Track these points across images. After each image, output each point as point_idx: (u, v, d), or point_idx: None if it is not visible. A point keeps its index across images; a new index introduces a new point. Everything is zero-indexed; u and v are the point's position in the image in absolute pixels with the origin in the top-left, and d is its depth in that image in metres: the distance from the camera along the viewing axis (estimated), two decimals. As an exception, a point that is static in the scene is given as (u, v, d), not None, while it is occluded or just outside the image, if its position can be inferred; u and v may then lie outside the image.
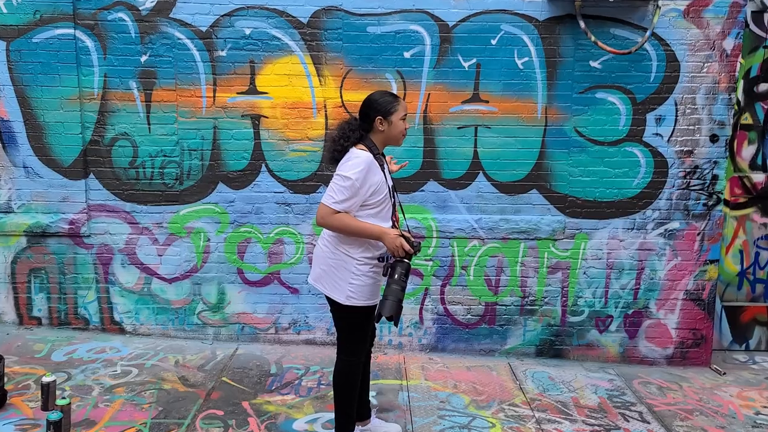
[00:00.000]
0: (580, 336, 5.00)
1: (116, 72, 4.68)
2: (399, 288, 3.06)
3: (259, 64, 4.70)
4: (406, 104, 3.24)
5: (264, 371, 4.52)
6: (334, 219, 3.08)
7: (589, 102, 4.74)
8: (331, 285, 3.24)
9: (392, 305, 3.04)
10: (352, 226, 3.10)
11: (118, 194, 4.83)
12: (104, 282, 4.93)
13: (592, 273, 4.93)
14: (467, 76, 4.72)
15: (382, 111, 3.14)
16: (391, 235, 3.09)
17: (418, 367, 4.74)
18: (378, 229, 3.11)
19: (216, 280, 4.94)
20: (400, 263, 3.10)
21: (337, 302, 3.23)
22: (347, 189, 3.04)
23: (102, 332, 4.99)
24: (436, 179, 4.84)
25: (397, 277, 3.07)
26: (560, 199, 4.86)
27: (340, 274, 3.20)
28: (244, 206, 4.86)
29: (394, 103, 3.16)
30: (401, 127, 3.19)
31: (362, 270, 3.19)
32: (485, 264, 4.92)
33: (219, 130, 4.77)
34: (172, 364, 4.54)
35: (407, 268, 3.11)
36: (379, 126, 3.16)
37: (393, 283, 3.06)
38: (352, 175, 3.03)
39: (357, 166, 3.05)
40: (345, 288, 3.19)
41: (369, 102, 3.19)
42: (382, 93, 3.22)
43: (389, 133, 3.18)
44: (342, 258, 3.20)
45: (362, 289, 3.20)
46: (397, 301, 3.05)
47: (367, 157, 3.09)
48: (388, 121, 3.15)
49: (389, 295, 3.05)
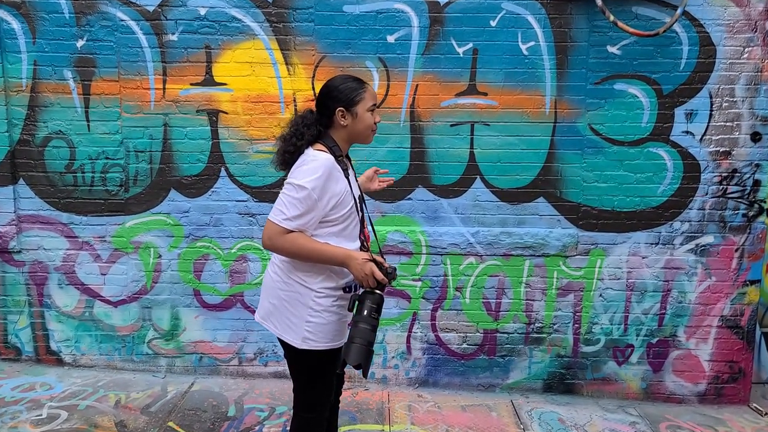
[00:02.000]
0: (596, 369, 4.29)
1: (48, 59, 4.00)
2: (368, 327, 2.40)
3: (217, 50, 4.01)
4: (374, 91, 2.60)
5: (220, 413, 3.82)
6: (285, 240, 2.43)
7: (607, 94, 4.05)
8: (283, 324, 2.57)
9: (359, 350, 2.38)
10: (309, 249, 2.45)
11: (52, 203, 4.15)
12: (38, 305, 4.24)
13: (609, 295, 4.22)
14: (462, 63, 4.03)
15: (343, 100, 2.50)
16: (359, 259, 2.44)
17: (405, 406, 4.03)
18: (342, 252, 2.46)
19: (169, 303, 4.25)
20: (369, 295, 2.45)
21: (292, 346, 2.56)
22: (301, 202, 2.40)
23: (36, 364, 4.30)
24: (425, 185, 4.14)
25: (366, 314, 2.42)
26: (572, 209, 4.15)
27: (294, 309, 2.54)
28: (200, 217, 4.17)
29: (359, 90, 2.52)
30: (369, 120, 2.55)
31: (323, 304, 2.52)
32: (483, 285, 4.23)
33: (170, 128, 4.08)
34: (112, 405, 3.84)
35: (379, 301, 2.45)
36: (340, 120, 2.51)
37: (360, 321, 2.41)
38: (307, 183, 2.39)
39: (313, 172, 2.41)
40: (301, 328, 2.53)
41: (327, 90, 2.55)
42: (343, 78, 2.57)
43: (354, 128, 2.54)
44: (296, 289, 2.54)
45: (323, 329, 2.53)
46: (366, 344, 2.39)
47: (326, 160, 2.45)
48: (351, 113, 2.51)
49: (356, 336, 2.39)
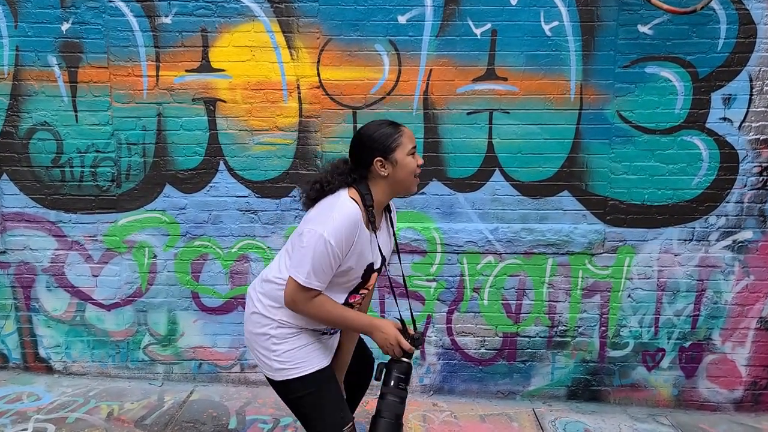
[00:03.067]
0: (624, 374, 3.99)
1: (31, 44, 3.69)
2: (396, 400, 2.23)
3: (214, 33, 3.70)
4: (411, 133, 2.28)
5: (220, 426, 3.54)
6: (312, 306, 2.21)
7: (637, 78, 3.72)
8: (257, 357, 2.39)
9: (387, 426, 2.20)
10: (334, 316, 2.25)
11: (39, 200, 3.86)
12: (26, 309, 3.96)
13: (638, 296, 3.91)
14: (480, 46, 3.71)
15: (380, 149, 2.22)
16: (384, 330, 2.23)
17: (419, 416, 3.74)
18: (367, 321, 2.29)
19: (165, 307, 3.96)
20: (396, 364, 2.26)
21: (273, 381, 2.37)
22: (324, 256, 2.13)
23: (24, 371, 4.02)
24: (440, 179, 3.82)
25: (393, 384, 2.23)
26: (599, 203, 3.83)
27: (259, 340, 2.34)
28: (198, 214, 3.87)
29: (396, 134, 2.24)
30: (411, 165, 2.25)
31: (285, 333, 2.30)
32: (503, 285, 3.92)
33: (164, 119, 3.77)
34: (104, 417, 3.56)
35: (407, 370, 2.27)
36: (380, 170, 2.24)
37: (388, 392, 2.23)
38: (330, 235, 2.12)
39: (337, 222, 2.14)
40: (271, 358, 2.31)
41: (360, 139, 2.27)
42: (377, 124, 2.29)
43: (395, 176, 2.24)
44: (257, 319, 2.36)
45: (295, 355, 2.30)
46: (393, 418, 2.21)
47: (353, 211, 2.17)
48: (390, 161, 2.23)
49: (383, 410, 2.21)
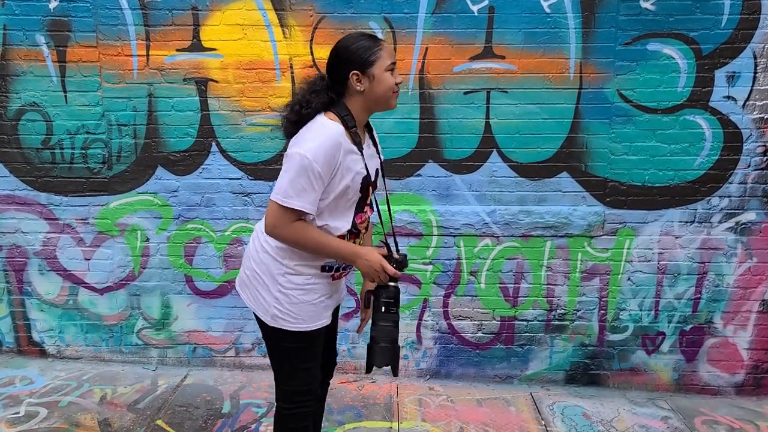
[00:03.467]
0: (623, 358, 3.93)
1: (18, 23, 3.61)
2: (389, 325, 2.19)
3: (204, 11, 3.61)
4: (392, 48, 2.23)
5: (214, 409, 3.50)
6: (292, 230, 2.12)
7: (638, 56, 3.62)
8: (254, 296, 2.30)
9: (385, 351, 2.19)
10: (316, 243, 2.16)
11: (29, 182, 3.80)
12: (18, 293, 3.92)
13: (638, 279, 3.84)
14: (477, 23, 3.61)
15: (357, 62, 2.12)
16: (368, 257, 2.16)
17: (415, 401, 3.69)
18: (350, 249, 2.20)
19: (159, 290, 3.91)
20: (383, 290, 2.22)
21: (263, 322, 2.29)
22: (304, 175, 2.05)
23: (18, 355, 3.99)
24: (436, 160, 3.75)
25: (384, 310, 2.19)
26: (598, 185, 3.75)
27: (263, 282, 2.25)
28: (190, 197, 3.80)
29: (375, 48, 2.14)
30: (389, 81, 2.16)
31: (294, 282, 2.22)
32: (500, 268, 3.85)
33: (155, 99, 3.70)
34: (96, 401, 3.53)
35: (395, 294, 2.22)
36: (356, 85, 2.15)
37: (380, 319, 2.20)
38: (309, 153, 2.05)
39: (317, 141, 2.06)
40: (270, 304, 2.23)
41: (337, 52, 2.18)
42: (356, 36, 2.20)
43: (372, 92, 2.16)
44: (267, 261, 2.23)
45: (295, 309, 2.23)
46: (391, 343, 2.19)
47: (334, 131, 2.10)
48: (367, 76, 2.14)
49: (379, 337, 2.19)
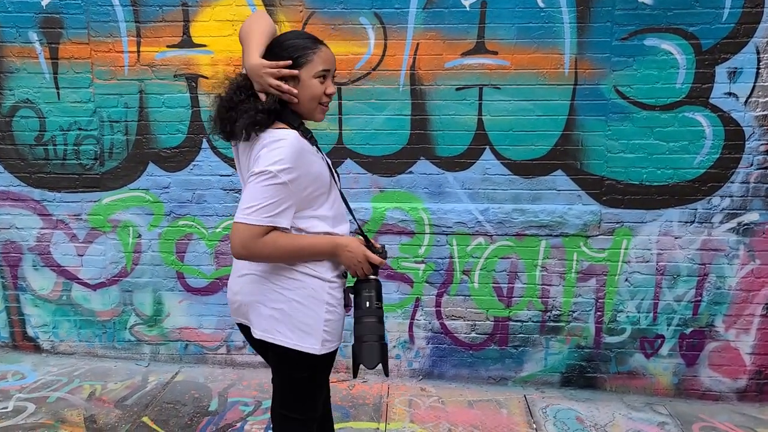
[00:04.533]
0: (621, 361, 3.83)
1: (11, 20, 3.64)
2: (374, 320, 2.01)
3: (194, 7, 3.60)
4: (332, 56, 1.99)
5: (201, 407, 3.49)
6: (264, 244, 1.89)
7: (635, 51, 3.52)
8: (297, 331, 2.03)
9: (374, 349, 1.99)
10: (292, 248, 1.96)
11: (23, 178, 3.82)
12: (13, 288, 3.95)
13: (636, 280, 3.74)
14: (469, 18, 3.54)
15: (286, 58, 1.93)
16: (350, 248, 2.02)
17: (405, 401, 3.64)
18: (328, 242, 2.02)
19: (151, 287, 3.91)
20: (365, 284, 2.05)
21: (301, 353, 2.04)
22: (276, 192, 1.86)
23: (13, 350, 4.02)
24: (428, 157, 3.69)
25: (368, 306, 2.01)
26: (594, 183, 3.66)
27: (309, 309, 2.03)
28: (181, 193, 3.80)
29: (308, 50, 1.95)
30: (316, 89, 1.96)
31: (336, 296, 2.07)
32: (494, 268, 3.77)
33: (146, 96, 3.70)
34: (85, 397, 3.54)
35: (378, 287, 2.05)
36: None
37: (364, 315, 2.01)
38: (277, 168, 1.84)
39: (283, 155, 1.86)
40: (319, 330, 2.03)
41: (271, 45, 1.97)
42: (295, 34, 2.02)
43: (298, 96, 1.95)
44: (309, 284, 2.03)
45: (338, 326, 2.10)
46: (378, 340, 2.00)
47: (294, 139, 1.90)
48: (294, 79, 1.94)
49: (365, 334, 2.00)
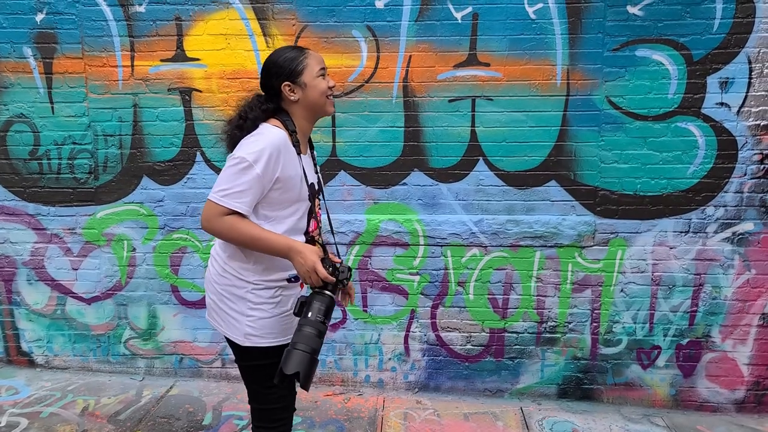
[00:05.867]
0: (617, 373, 3.80)
1: (6, 35, 3.66)
2: (313, 332, 2.04)
3: (188, 21, 3.62)
4: (319, 56, 2.25)
5: (194, 421, 3.47)
6: (223, 222, 2.12)
7: (627, 62, 3.53)
8: (224, 320, 2.26)
9: (300, 357, 2.01)
10: (249, 236, 2.12)
11: (17, 193, 3.83)
12: (7, 302, 3.94)
13: (632, 291, 3.72)
14: (461, 30, 3.56)
15: (286, 74, 2.20)
16: (304, 253, 2.09)
17: (400, 414, 3.62)
18: (285, 242, 2.14)
19: (145, 300, 3.90)
20: (318, 296, 2.10)
21: (237, 345, 2.25)
22: (242, 176, 2.08)
23: (7, 365, 4.00)
24: (421, 169, 3.69)
25: (311, 316, 2.06)
26: (588, 194, 3.65)
27: (232, 304, 2.22)
28: (176, 206, 3.80)
29: (301, 57, 2.22)
30: (321, 85, 2.23)
31: (262, 296, 2.21)
32: (489, 279, 3.76)
33: (140, 109, 3.71)
34: (78, 412, 3.52)
35: (329, 303, 2.10)
36: (290, 95, 2.21)
37: (306, 324, 2.05)
38: (249, 155, 2.08)
39: (258, 145, 2.10)
40: (242, 323, 2.21)
41: (266, 67, 2.25)
42: (282, 49, 2.29)
43: (306, 99, 2.23)
44: (232, 282, 2.22)
45: (267, 323, 2.22)
46: (309, 351, 2.02)
47: (275, 135, 2.14)
48: (299, 85, 2.21)
49: (299, 342, 2.03)
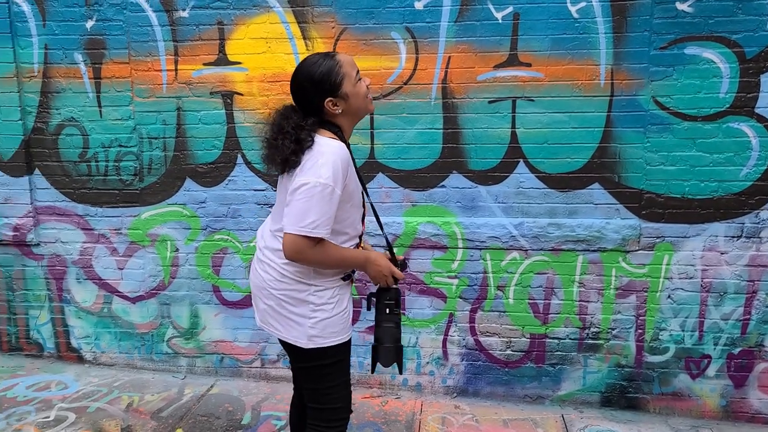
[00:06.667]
0: (664, 382, 3.67)
1: (58, 42, 3.78)
2: (392, 325, 2.30)
3: (230, 25, 3.67)
4: (349, 58, 2.18)
5: (233, 421, 3.51)
6: (316, 253, 2.10)
7: (675, 60, 3.40)
8: (285, 325, 2.24)
9: (390, 351, 2.29)
10: (337, 259, 2.19)
11: (68, 194, 3.95)
12: (58, 300, 4.07)
13: (680, 297, 3.59)
14: (501, 30, 3.50)
15: (327, 89, 2.12)
16: (377, 262, 2.23)
17: (438, 419, 3.58)
18: (362, 256, 2.25)
19: (188, 300, 3.97)
20: (385, 292, 2.31)
21: (298, 348, 2.24)
22: (329, 202, 2.05)
23: (57, 361, 4.14)
24: (460, 171, 3.64)
25: (387, 312, 2.29)
26: (633, 197, 3.54)
27: (292, 308, 2.22)
28: (217, 208, 3.86)
29: (336, 68, 2.12)
30: (362, 90, 2.19)
31: (324, 297, 2.21)
32: (529, 283, 3.69)
33: (183, 113, 3.78)
34: (123, 408, 3.60)
35: (396, 296, 2.31)
36: (333, 109, 2.15)
37: (383, 320, 2.30)
38: (329, 179, 2.03)
39: (328, 164, 2.05)
40: (305, 325, 2.20)
41: (302, 86, 2.14)
42: (312, 64, 2.13)
43: (350, 108, 2.19)
44: (293, 286, 2.20)
45: (329, 323, 2.22)
46: (394, 342, 2.30)
47: (338, 148, 2.12)
48: (341, 97, 2.15)
49: (383, 337, 2.30)
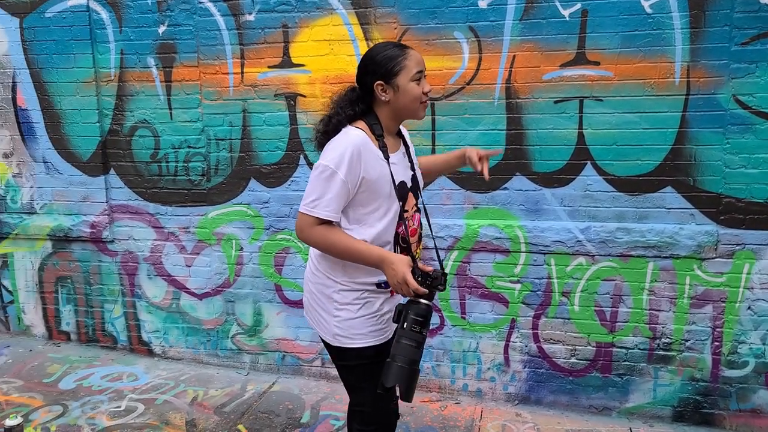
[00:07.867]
0: (742, 398, 3.45)
1: (133, 47, 3.94)
2: (411, 344, 2.01)
3: (294, 28, 3.71)
4: (420, 57, 2.16)
5: (293, 419, 3.55)
6: (315, 233, 2.12)
7: (758, 57, 3.19)
8: (316, 318, 2.31)
9: (398, 371, 2.00)
10: (341, 246, 2.11)
11: (140, 193, 4.11)
12: (131, 295, 4.25)
13: (761, 308, 3.37)
14: (568, 28, 3.38)
15: (381, 72, 2.13)
16: (394, 266, 2.05)
17: (498, 426, 3.51)
18: (377, 253, 2.11)
19: (251, 298, 4.05)
20: (413, 305, 2.03)
21: (327, 343, 2.30)
22: (328, 184, 2.05)
23: (129, 353, 4.31)
24: (524, 173, 3.55)
25: (407, 327, 2.01)
26: (710, 201, 3.35)
27: (321, 303, 2.25)
28: (280, 208, 3.92)
29: (400, 57, 2.13)
30: (415, 91, 2.15)
31: (348, 297, 2.19)
32: (596, 290, 3.55)
33: (249, 114, 3.86)
34: (188, 402, 3.72)
35: (424, 313, 2.02)
36: (381, 95, 2.14)
37: (403, 336, 2.02)
38: (330, 161, 2.06)
39: (337, 149, 2.08)
40: (330, 323, 2.22)
41: (363, 63, 2.20)
42: (382, 46, 2.20)
43: (397, 102, 2.17)
44: (322, 281, 2.24)
45: (352, 324, 2.20)
46: (409, 364, 2.00)
47: (355, 137, 2.10)
48: (392, 86, 2.14)
49: (396, 354, 2.02)
